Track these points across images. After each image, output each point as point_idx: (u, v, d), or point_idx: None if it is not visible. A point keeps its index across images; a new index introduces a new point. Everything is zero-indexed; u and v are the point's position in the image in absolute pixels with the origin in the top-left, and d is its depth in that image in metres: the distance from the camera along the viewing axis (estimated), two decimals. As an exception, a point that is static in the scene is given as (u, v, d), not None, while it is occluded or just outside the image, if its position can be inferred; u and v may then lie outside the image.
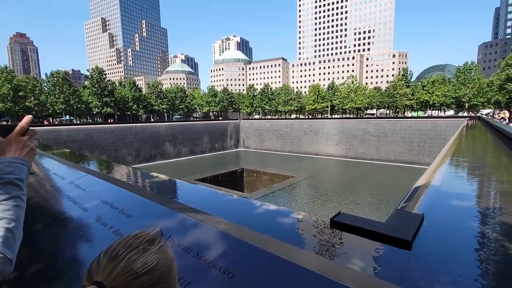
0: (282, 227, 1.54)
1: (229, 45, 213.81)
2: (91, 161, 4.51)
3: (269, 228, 1.49)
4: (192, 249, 1.08)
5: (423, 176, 3.38)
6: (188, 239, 1.17)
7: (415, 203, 2.14)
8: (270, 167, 27.54)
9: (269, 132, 46.61)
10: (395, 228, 1.16)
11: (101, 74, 58.64)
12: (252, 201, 2.06)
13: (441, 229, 1.36)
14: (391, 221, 1.27)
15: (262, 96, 73.04)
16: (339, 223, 1.27)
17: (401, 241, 1.04)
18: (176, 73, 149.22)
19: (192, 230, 1.26)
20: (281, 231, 1.46)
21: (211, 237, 1.17)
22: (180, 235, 1.21)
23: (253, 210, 1.91)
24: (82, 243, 1.34)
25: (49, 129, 28.35)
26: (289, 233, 1.44)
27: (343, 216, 1.37)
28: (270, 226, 1.54)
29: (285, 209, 1.83)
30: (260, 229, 1.39)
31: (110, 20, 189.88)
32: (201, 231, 1.24)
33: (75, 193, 2.05)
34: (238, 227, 1.29)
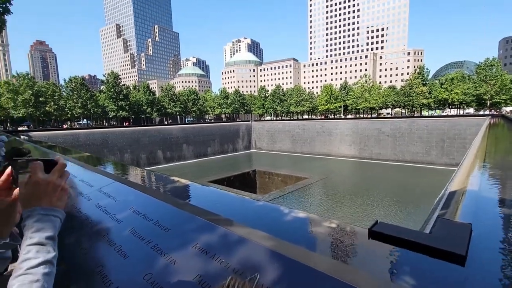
0: (321, 238, 1.43)
1: (240, 47, 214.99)
2: (109, 164, 4.54)
3: (309, 241, 1.39)
4: (243, 271, 1.00)
5: (455, 180, 3.17)
6: (235, 259, 1.09)
7: (455, 211, 1.99)
8: (283, 168, 27.36)
9: (281, 133, 46.38)
10: (444, 239, 1.04)
11: (116, 78, 60.35)
12: (280, 207, 1.96)
13: (493, 241, 1.22)
14: (437, 232, 1.15)
15: (274, 97, 72.90)
16: (378, 234, 1.16)
17: (453, 255, 0.92)
18: (188, 76, 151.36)
19: (237, 247, 1.18)
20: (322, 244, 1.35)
21: (260, 257, 1.08)
22: (226, 254, 1.13)
23: (284, 218, 1.81)
24: (121, 260, 1.29)
25: (68, 133, 29.30)
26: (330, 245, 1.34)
27: (382, 225, 1.26)
28: (308, 238, 1.44)
29: (316, 217, 1.72)
30: (299, 242, 1.29)
31: (124, 26, 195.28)
32: (247, 249, 1.15)
33: (105, 202, 2.01)
34: (283, 244, 1.20)
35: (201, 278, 1.02)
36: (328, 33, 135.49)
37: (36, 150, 7.39)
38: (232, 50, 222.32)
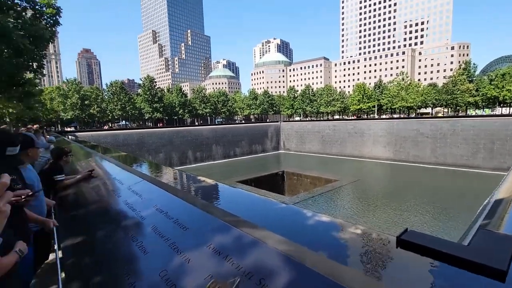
0: (343, 245, 1.36)
1: (269, 48, 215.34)
2: (143, 163, 4.80)
3: (330, 246, 1.33)
4: (254, 274, 0.98)
5: (504, 187, 2.83)
6: (247, 261, 1.07)
7: (500, 222, 1.77)
8: (312, 170, 26.77)
9: (311, 134, 45.49)
10: (483, 252, 0.92)
11: (152, 82, 63.99)
12: (303, 211, 1.91)
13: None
14: (477, 244, 1.02)
15: (303, 97, 71.79)
16: (407, 243, 1.06)
17: (492, 270, 0.81)
18: (219, 78, 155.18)
19: (250, 250, 1.17)
20: (343, 251, 1.28)
21: (273, 261, 1.05)
22: (238, 256, 1.12)
23: (306, 222, 1.76)
24: (140, 255, 1.35)
25: (109, 133, 31.68)
26: (353, 253, 1.26)
27: (411, 234, 1.15)
28: (329, 243, 1.37)
29: (341, 222, 1.64)
30: (318, 247, 1.23)
31: (159, 32, 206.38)
32: (260, 252, 1.14)
33: (133, 199, 2.13)
34: (298, 249, 1.16)
35: (212, 278, 1.03)
36: (361, 29, 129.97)
37: (81, 149, 8.10)
38: (261, 51, 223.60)
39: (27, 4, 11.59)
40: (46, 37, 11.59)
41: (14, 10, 10.94)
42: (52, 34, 12.33)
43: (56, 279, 3.28)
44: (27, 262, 1.93)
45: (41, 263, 2.81)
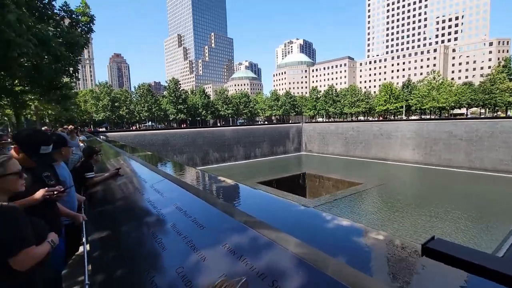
0: (363, 251, 1.30)
1: (291, 49, 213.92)
2: (167, 163, 4.97)
3: (347, 251, 1.28)
4: (267, 275, 0.98)
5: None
6: (261, 262, 1.07)
7: None
8: (334, 172, 26.12)
9: (333, 136, 44.41)
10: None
11: (177, 84, 66.21)
12: (322, 214, 1.86)
13: None
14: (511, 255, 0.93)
15: (326, 98, 70.37)
16: (434, 251, 1.00)
17: None
18: (241, 79, 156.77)
19: (265, 251, 1.16)
20: (362, 258, 1.23)
21: (287, 264, 1.04)
22: (253, 256, 1.12)
23: (325, 225, 1.72)
24: (159, 251, 1.40)
25: (136, 134, 33.19)
26: (373, 260, 1.21)
27: (439, 242, 1.07)
28: (348, 249, 1.33)
29: (363, 227, 1.58)
30: (336, 252, 1.19)
31: (184, 36, 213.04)
32: (274, 254, 1.13)
33: (155, 198, 2.21)
34: (314, 252, 1.13)
35: (226, 277, 1.04)
36: (388, 27, 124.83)
37: (110, 149, 8.55)
38: (284, 52, 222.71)
39: (65, 14, 12.50)
40: (81, 43, 12.42)
41: (53, 20, 11.85)
42: (87, 41, 13.19)
43: (86, 269, 3.49)
44: (58, 253, 2.08)
45: (71, 255, 3.00)
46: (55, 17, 12.02)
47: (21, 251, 1.30)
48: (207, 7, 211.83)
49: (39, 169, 2.12)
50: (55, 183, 2.17)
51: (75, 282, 3.24)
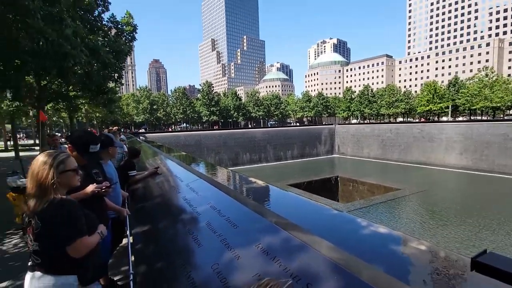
0: (405, 262, 1.23)
1: (324, 49, 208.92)
2: (200, 163, 5.15)
3: (385, 260, 1.21)
4: (301, 278, 0.97)
5: None
6: (295, 265, 1.07)
7: None
8: (369, 176, 24.88)
9: (369, 138, 42.33)
10: None
11: (210, 87, 68.51)
12: (357, 219, 1.79)
13: None
14: None
15: (361, 98, 67.37)
16: (485, 266, 0.89)
17: None
18: (272, 81, 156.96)
19: (298, 253, 1.15)
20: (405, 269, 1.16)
21: (321, 268, 1.02)
22: (286, 258, 1.12)
23: (360, 231, 1.65)
24: (195, 247, 1.46)
25: (172, 135, 34.92)
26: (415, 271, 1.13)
27: (492, 256, 0.96)
28: (386, 257, 1.26)
29: (402, 235, 1.48)
30: (375, 260, 1.14)
31: (218, 40, 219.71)
32: (308, 257, 1.11)
33: (190, 196, 2.31)
34: (350, 258, 1.09)
35: (260, 277, 1.05)
36: (433, 21, 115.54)
37: (149, 149, 9.12)
38: (316, 52, 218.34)
39: (112, 25, 13.67)
40: (125, 51, 13.47)
41: (102, 30, 13.02)
42: (130, 48, 14.26)
43: (127, 261, 3.76)
44: (105, 244, 2.27)
45: (116, 246, 3.26)
46: (104, 28, 13.19)
47: (77, 240, 1.45)
48: (240, 11, 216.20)
49: (89, 166, 2.34)
50: (102, 179, 2.38)
51: (119, 271, 3.50)
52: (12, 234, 5.14)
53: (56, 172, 1.48)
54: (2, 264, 4.02)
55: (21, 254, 4.36)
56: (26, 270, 3.64)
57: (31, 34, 5.40)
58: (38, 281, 1.46)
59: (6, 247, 4.64)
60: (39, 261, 1.47)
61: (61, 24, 5.70)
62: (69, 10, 7.69)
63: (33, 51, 5.79)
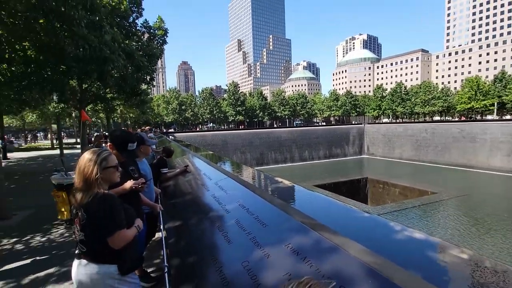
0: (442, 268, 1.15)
1: (354, 45, 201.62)
2: (226, 162, 5.25)
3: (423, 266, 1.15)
4: (333, 279, 0.95)
5: None
6: (326, 266, 1.05)
7: None
8: (402, 178, 23.60)
9: (401, 138, 40.11)
10: None
11: (236, 87, 69.50)
12: (390, 223, 1.71)
13: None
14: None
15: (393, 96, 64.03)
16: None
17: None
18: (298, 80, 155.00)
19: (329, 255, 1.13)
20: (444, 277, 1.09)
21: (354, 270, 0.99)
22: (317, 259, 1.11)
23: (393, 235, 1.57)
24: (225, 244, 1.50)
25: (199, 134, 35.98)
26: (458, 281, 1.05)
27: None
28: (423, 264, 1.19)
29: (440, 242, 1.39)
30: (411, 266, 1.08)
31: (244, 41, 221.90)
32: (340, 259, 1.09)
33: (219, 194, 2.37)
34: (384, 262, 1.05)
35: (290, 276, 1.05)
36: (476, 11, 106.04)
37: (178, 148, 9.49)
38: (345, 49, 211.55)
39: (145, 29, 14.42)
40: (157, 54, 14.13)
41: (136, 35, 13.78)
42: (161, 51, 14.93)
43: (160, 254, 3.95)
44: (141, 238, 2.41)
45: (149, 240, 3.44)
46: (138, 33, 13.96)
47: (117, 232, 1.55)
48: (266, 10, 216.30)
49: (126, 163, 2.49)
50: (138, 176, 2.52)
51: (152, 263, 3.70)
52: (59, 224, 5.64)
53: (100, 168, 1.61)
54: (50, 252, 4.44)
55: (66, 243, 4.77)
56: (70, 258, 3.96)
57: (76, 41, 5.89)
58: (84, 268, 1.60)
59: (54, 236, 5.10)
60: (84, 250, 1.60)
61: (101, 31, 6.18)
62: (107, 18, 8.26)
63: (77, 57, 6.33)
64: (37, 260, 4.14)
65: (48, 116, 28.03)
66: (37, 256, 4.27)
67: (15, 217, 6.31)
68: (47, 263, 4.00)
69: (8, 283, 3.52)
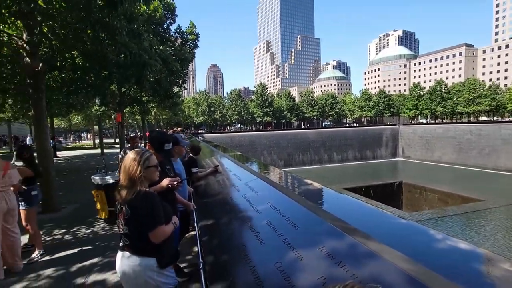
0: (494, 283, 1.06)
1: (388, 42, 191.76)
2: (253, 163, 5.30)
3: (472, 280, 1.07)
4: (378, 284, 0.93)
5: None
6: (363, 273, 1.02)
7: None
8: (441, 183, 21.94)
9: (441, 140, 37.28)
10: None
11: (264, 88, 69.78)
12: (430, 231, 1.61)
13: None
14: None
15: (433, 95, 59.77)
16: None
17: None
18: (328, 80, 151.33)
19: (366, 261, 1.09)
20: None
21: (395, 279, 0.95)
22: (353, 264, 1.08)
23: (435, 244, 1.48)
24: (257, 244, 1.52)
25: (227, 135, 36.69)
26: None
27: None
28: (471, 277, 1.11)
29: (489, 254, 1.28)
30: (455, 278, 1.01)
31: (272, 42, 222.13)
32: (378, 266, 1.05)
33: (250, 195, 2.41)
34: (428, 273, 0.99)
35: (325, 280, 1.04)
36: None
37: (207, 148, 9.77)
38: (378, 46, 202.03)
39: (178, 35, 15.10)
40: (189, 58, 14.72)
41: (170, 41, 14.49)
42: (193, 56, 15.52)
43: (191, 251, 4.10)
44: (176, 234, 2.53)
45: (182, 236, 3.59)
46: (171, 39, 14.66)
47: (157, 227, 1.66)
48: (295, 11, 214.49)
49: (163, 163, 2.64)
50: (173, 175, 2.65)
51: (184, 259, 3.86)
52: (100, 219, 6.11)
53: (143, 168, 1.73)
54: (93, 243, 4.83)
55: (107, 236, 5.16)
56: (111, 250, 4.26)
57: (118, 48, 6.38)
58: (127, 260, 1.72)
59: (96, 229, 5.54)
60: (128, 242, 1.73)
61: (140, 38, 6.63)
62: (144, 25, 8.80)
63: (118, 63, 6.85)
64: (83, 250, 4.54)
65: (91, 118, 30.54)
66: (83, 247, 4.68)
67: (64, 210, 6.96)
68: (91, 253, 4.36)
69: (58, 269, 3.91)
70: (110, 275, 3.63)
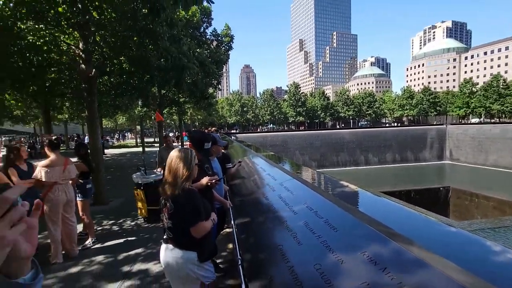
0: None
1: (434, 35, 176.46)
2: (286, 163, 5.25)
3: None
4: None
5: None
6: (411, 281, 0.96)
7: None
8: (498, 190, 19.66)
9: (497, 141, 33.35)
10: None
11: (297, 88, 68.93)
12: (486, 242, 1.46)
13: None
14: None
15: (487, 92, 53.72)
16: None
17: None
18: (365, 77, 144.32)
19: (414, 269, 1.03)
20: None
21: None
22: (398, 272, 1.03)
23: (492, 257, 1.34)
24: (295, 244, 1.52)
25: (259, 135, 36.91)
26: None
27: None
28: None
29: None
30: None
31: (306, 40, 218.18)
32: (428, 275, 0.98)
33: (285, 195, 2.40)
34: (486, 286, 0.90)
35: (369, 286, 1.00)
36: None
37: (240, 147, 9.94)
38: (422, 40, 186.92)
39: (214, 38, 15.60)
40: (224, 60, 15.13)
41: (206, 44, 15.03)
42: (227, 57, 15.92)
43: (226, 247, 4.22)
44: (213, 231, 2.63)
45: (218, 233, 3.72)
46: (207, 41, 15.21)
47: (198, 223, 1.74)
48: (330, 7, 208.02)
49: (203, 161, 2.75)
50: (212, 173, 2.76)
51: (220, 255, 3.98)
52: (141, 217, 6.57)
53: (188, 166, 1.83)
54: (138, 235, 5.22)
55: (149, 229, 5.53)
56: (153, 242, 4.56)
57: (160, 53, 6.84)
58: (170, 252, 1.84)
59: (140, 222, 5.97)
60: (171, 236, 1.84)
61: (179, 43, 7.03)
62: (183, 30, 9.27)
63: (159, 67, 7.34)
64: (129, 241, 4.92)
65: (134, 118, 32.96)
66: (128, 237, 5.08)
67: (111, 203, 7.61)
68: (136, 244, 4.72)
69: (108, 257, 4.29)
70: (152, 265, 3.89)
